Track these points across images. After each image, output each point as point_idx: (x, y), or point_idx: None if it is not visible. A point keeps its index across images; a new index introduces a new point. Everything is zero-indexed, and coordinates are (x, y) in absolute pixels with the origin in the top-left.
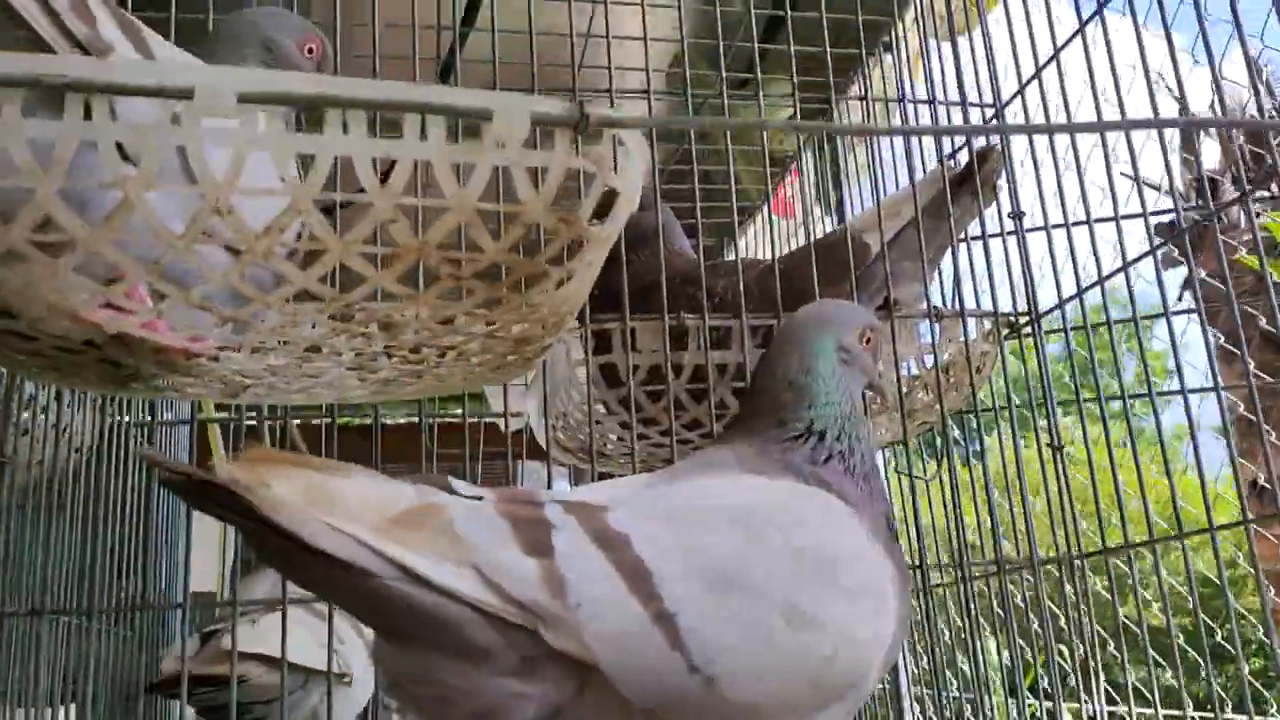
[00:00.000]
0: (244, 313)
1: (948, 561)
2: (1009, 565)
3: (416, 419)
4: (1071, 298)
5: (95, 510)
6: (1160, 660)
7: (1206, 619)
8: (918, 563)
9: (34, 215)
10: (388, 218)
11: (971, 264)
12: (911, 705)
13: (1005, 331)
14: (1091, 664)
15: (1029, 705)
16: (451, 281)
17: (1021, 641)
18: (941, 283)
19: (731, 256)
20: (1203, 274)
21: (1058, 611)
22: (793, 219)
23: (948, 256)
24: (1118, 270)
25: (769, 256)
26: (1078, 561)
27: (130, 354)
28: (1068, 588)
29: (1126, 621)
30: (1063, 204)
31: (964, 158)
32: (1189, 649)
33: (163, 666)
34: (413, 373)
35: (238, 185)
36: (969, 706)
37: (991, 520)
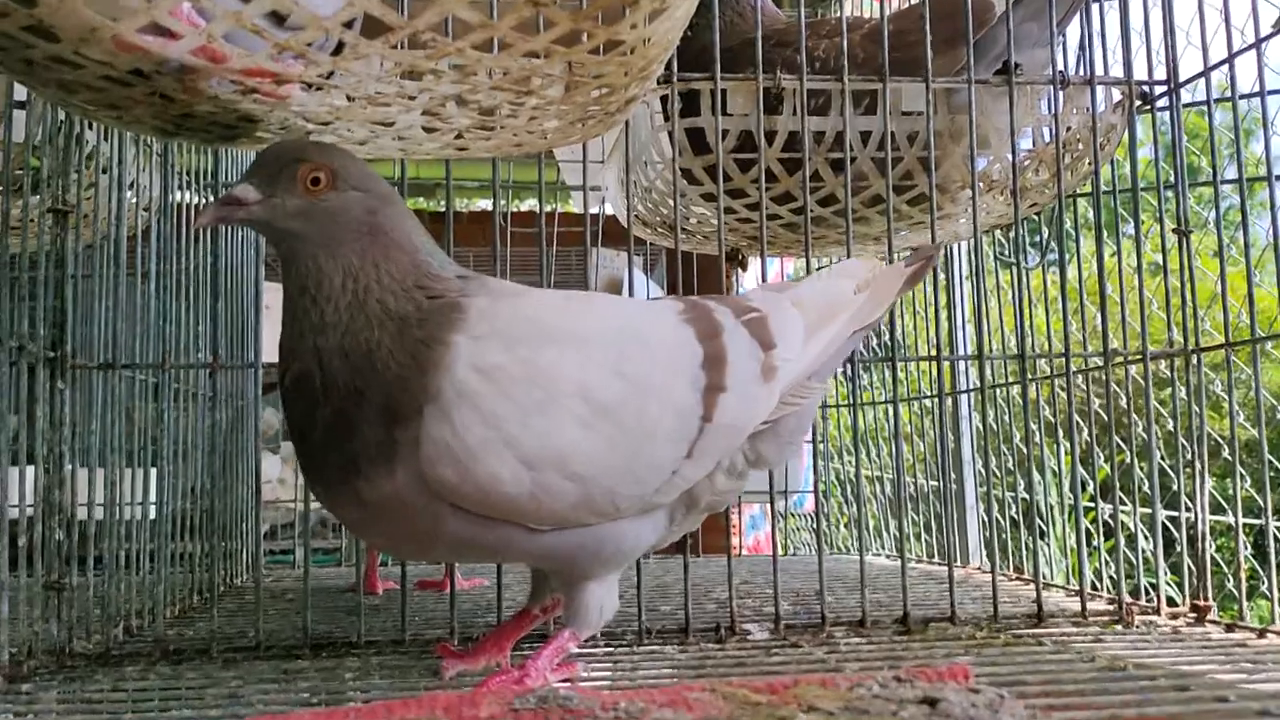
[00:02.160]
0: (301, 40)
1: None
2: (1118, 357)
3: (490, 207)
4: (1220, 63)
5: (165, 269)
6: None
7: None
8: (1019, 354)
9: None
10: None
11: (1104, 26)
12: (976, 503)
13: (1137, 103)
14: (1198, 465)
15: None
16: (530, 8)
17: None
18: (1066, 47)
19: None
20: None
21: (1160, 411)
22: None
23: (1078, 19)
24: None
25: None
26: (1194, 356)
27: (183, 89)
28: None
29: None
30: None
31: None
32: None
33: None
34: (485, 126)
35: None
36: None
37: (1102, 307)
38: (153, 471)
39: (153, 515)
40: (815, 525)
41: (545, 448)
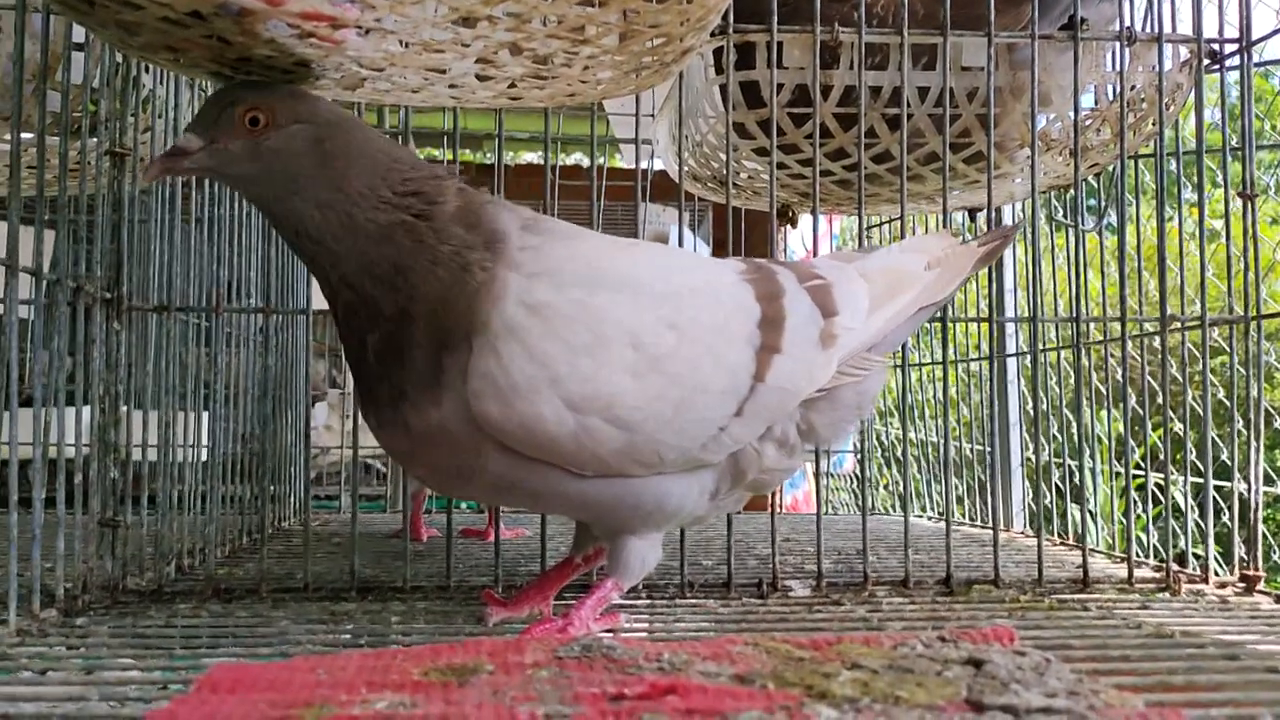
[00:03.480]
0: None
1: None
2: (1175, 323)
3: (540, 160)
4: None
5: (218, 214)
6: None
7: None
8: (1073, 317)
9: None
10: None
11: None
12: (1021, 468)
13: (1206, 62)
14: (1251, 436)
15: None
16: None
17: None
18: (1133, 3)
19: None
20: None
21: (1212, 379)
22: None
23: None
24: None
25: None
26: (1254, 324)
27: (240, 31)
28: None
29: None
30: None
31: None
32: None
33: None
34: (539, 75)
35: None
36: (1082, 473)
37: (1160, 272)
38: (204, 415)
39: (204, 457)
40: (855, 486)
41: (591, 391)
